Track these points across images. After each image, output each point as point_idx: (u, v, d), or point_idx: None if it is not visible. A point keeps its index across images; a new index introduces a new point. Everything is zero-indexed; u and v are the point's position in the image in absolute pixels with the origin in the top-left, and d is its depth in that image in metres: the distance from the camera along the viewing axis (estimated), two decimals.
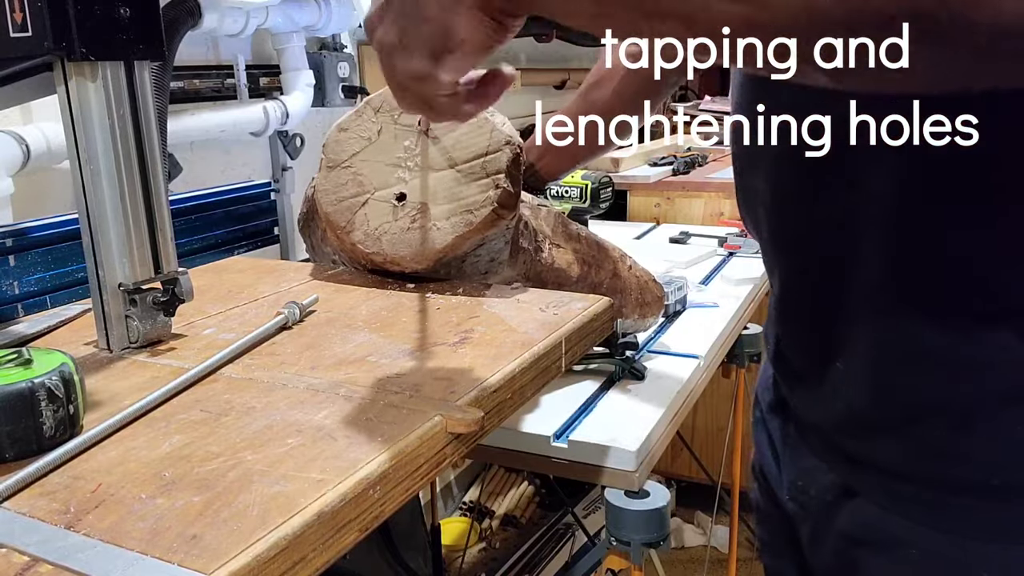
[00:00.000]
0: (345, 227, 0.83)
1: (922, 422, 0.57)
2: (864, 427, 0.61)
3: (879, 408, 0.60)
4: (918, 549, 0.58)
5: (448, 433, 0.54)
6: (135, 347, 0.68)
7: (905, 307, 0.57)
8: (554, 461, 0.89)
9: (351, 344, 0.68)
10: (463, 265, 0.84)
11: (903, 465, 0.58)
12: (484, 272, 0.85)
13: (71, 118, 0.64)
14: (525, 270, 0.88)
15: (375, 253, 0.82)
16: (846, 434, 0.63)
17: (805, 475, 0.68)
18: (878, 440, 0.60)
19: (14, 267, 0.85)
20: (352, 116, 0.85)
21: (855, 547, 0.62)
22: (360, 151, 0.84)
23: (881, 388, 0.59)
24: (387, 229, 0.81)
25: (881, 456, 0.60)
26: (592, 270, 0.95)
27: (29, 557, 0.40)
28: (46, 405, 0.50)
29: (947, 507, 0.57)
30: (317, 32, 1.48)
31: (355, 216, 0.82)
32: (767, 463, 0.75)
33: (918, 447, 0.58)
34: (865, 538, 0.61)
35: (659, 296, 1.08)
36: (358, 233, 0.83)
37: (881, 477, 0.60)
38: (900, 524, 0.58)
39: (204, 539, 0.40)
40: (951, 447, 0.56)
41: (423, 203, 0.80)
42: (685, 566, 2.28)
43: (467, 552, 1.96)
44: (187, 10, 1.15)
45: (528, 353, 0.65)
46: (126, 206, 0.66)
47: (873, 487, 0.60)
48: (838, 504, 0.63)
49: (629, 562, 0.90)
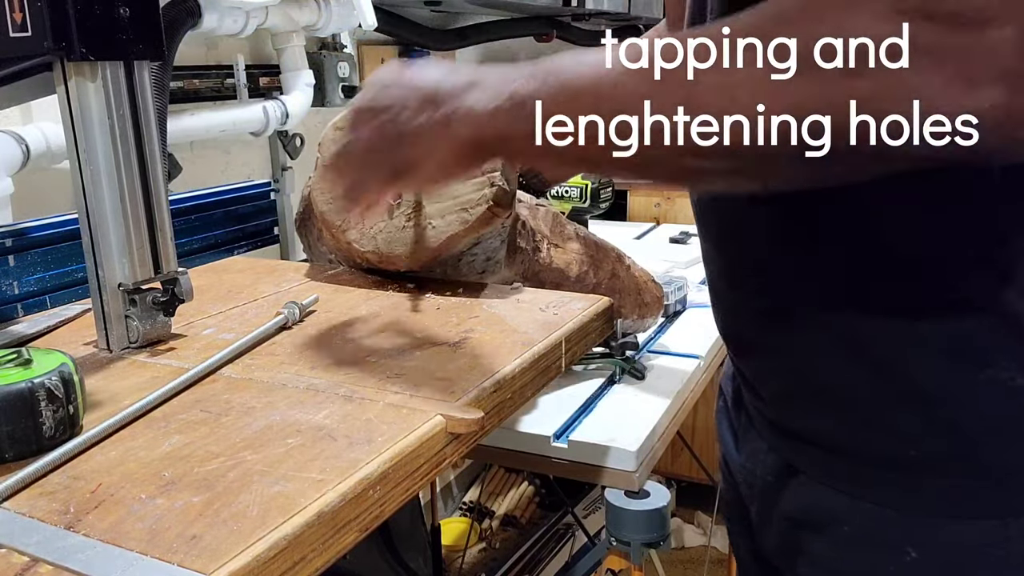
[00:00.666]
0: (340, 226, 0.83)
1: (852, 399, 0.58)
2: (801, 404, 0.62)
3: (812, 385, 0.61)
4: (852, 526, 0.59)
5: (448, 433, 0.54)
6: (135, 347, 0.68)
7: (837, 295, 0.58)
8: (554, 461, 0.89)
9: (351, 344, 0.68)
10: (459, 264, 0.84)
11: (837, 440, 0.59)
12: (481, 272, 0.85)
13: (71, 118, 0.64)
14: (523, 270, 0.88)
15: (370, 252, 0.82)
16: (785, 411, 0.64)
17: (752, 457, 0.69)
18: (813, 416, 0.61)
19: (14, 267, 0.85)
20: (347, 115, 0.85)
21: (798, 529, 0.63)
22: None
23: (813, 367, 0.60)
24: (382, 228, 0.81)
25: (817, 432, 0.61)
26: (591, 270, 0.95)
27: (29, 557, 0.40)
28: (46, 405, 0.50)
29: (875, 481, 0.58)
30: (317, 32, 1.48)
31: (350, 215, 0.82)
32: (729, 451, 0.76)
33: (849, 422, 0.59)
34: (806, 519, 0.62)
35: (658, 296, 1.08)
36: (353, 232, 0.83)
37: (818, 452, 0.61)
38: (836, 500, 0.59)
39: (204, 539, 0.40)
40: (877, 421, 0.57)
41: (418, 201, 0.80)
42: (685, 566, 2.28)
43: (467, 552, 1.96)
44: (187, 10, 1.15)
45: (528, 353, 0.65)
46: (126, 206, 0.66)
47: (811, 463, 0.61)
48: (781, 484, 0.64)
49: (629, 562, 0.90)
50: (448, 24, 2.03)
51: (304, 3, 1.40)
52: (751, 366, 0.67)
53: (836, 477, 0.60)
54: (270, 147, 1.54)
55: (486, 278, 0.85)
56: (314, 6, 1.42)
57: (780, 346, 0.63)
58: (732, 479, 0.75)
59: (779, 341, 0.63)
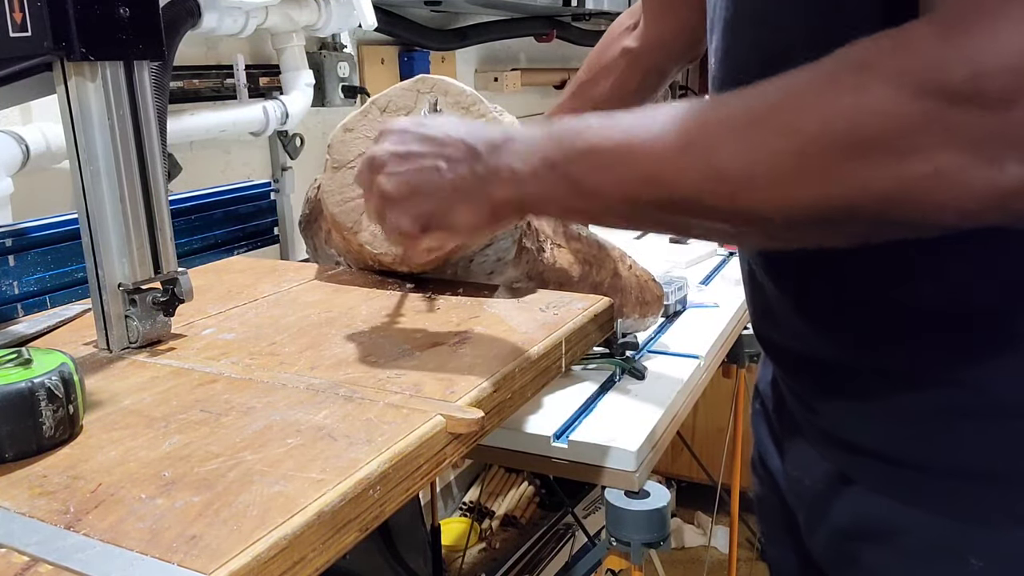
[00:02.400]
0: (352, 228, 0.82)
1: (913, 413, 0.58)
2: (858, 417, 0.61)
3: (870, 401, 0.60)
4: (911, 536, 0.58)
5: (448, 433, 0.54)
6: (135, 347, 0.68)
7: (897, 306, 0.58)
8: (554, 461, 0.89)
9: (351, 344, 0.68)
10: (470, 265, 0.83)
11: (896, 450, 0.59)
12: (490, 272, 0.85)
13: (71, 118, 0.64)
14: (528, 270, 0.88)
15: (383, 254, 0.82)
16: (840, 423, 0.63)
17: (799, 465, 0.68)
18: (870, 429, 0.60)
19: (14, 267, 0.85)
20: (358, 116, 0.85)
21: (851, 539, 0.62)
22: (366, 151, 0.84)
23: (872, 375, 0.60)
24: None
25: (875, 441, 0.60)
26: (593, 270, 0.95)
27: (29, 557, 0.40)
28: (46, 405, 0.50)
29: (937, 491, 0.57)
30: (317, 32, 1.48)
31: (362, 217, 0.82)
32: (768, 455, 0.75)
33: (910, 432, 0.58)
34: (861, 529, 0.61)
35: (658, 296, 1.08)
36: (365, 234, 0.82)
37: (876, 463, 0.60)
38: (893, 510, 0.59)
39: (204, 539, 0.40)
40: (939, 434, 0.57)
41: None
42: (685, 566, 2.28)
43: (467, 552, 1.96)
44: (187, 10, 1.15)
45: (528, 353, 0.65)
46: (126, 206, 0.66)
47: (868, 473, 0.60)
48: (833, 493, 0.63)
49: (629, 562, 0.90)
50: (448, 24, 2.03)
51: (304, 3, 1.40)
52: (802, 381, 0.66)
53: (895, 487, 0.59)
54: (270, 147, 1.54)
55: (494, 279, 0.85)
56: (314, 6, 1.42)
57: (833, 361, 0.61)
58: (772, 483, 0.74)
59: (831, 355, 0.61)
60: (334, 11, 1.43)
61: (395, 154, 0.60)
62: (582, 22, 2.47)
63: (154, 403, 0.57)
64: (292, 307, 0.79)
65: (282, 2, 1.34)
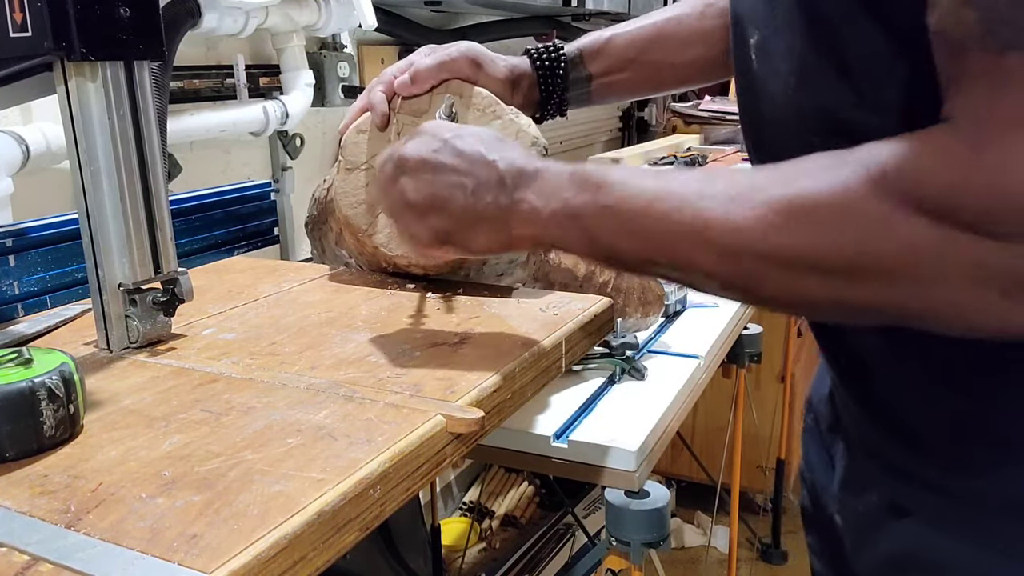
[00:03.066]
0: (367, 230, 0.82)
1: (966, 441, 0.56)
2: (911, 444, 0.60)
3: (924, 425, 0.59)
4: (963, 571, 0.56)
5: (448, 433, 0.54)
6: (135, 347, 0.68)
7: None
8: (554, 461, 0.89)
9: (351, 344, 0.68)
10: (483, 268, 0.83)
11: (949, 482, 0.57)
12: (500, 273, 0.85)
13: (71, 118, 0.64)
14: (534, 270, 0.88)
15: (399, 256, 0.81)
16: (901, 452, 0.61)
17: (851, 489, 0.66)
18: (925, 457, 0.59)
19: (14, 267, 0.85)
20: (369, 118, 0.85)
21: (901, 569, 0.60)
22: (379, 153, 0.84)
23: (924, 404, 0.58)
24: None
25: (928, 473, 0.58)
26: (597, 270, 0.95)
27: (29, 557, 0.40)
28: (46, 405, 0.50)
29: (992, 527, 0.55)
30: (317, 32, 1.48)
31: (376, 219, 0.82)
32: (816, 473, 0.74)
33: (962, 465, 0.56)
34: (912, 561, 0.59)
35: (660, 295, 1.09)
36: (380, 236, 0.82)
37: (928, 494, 0.58)
38: (948, 544, 0.57)
39: (204, 538, 0.40)
40: (992, 466, 0.55)
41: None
42: (685, 566, 2.28)
43: (467, 552, 1.96)
44: (187, 10, 1.15)
45: (528, 353, 0.65)
46: (126, 206, 0.66)
47: (924, 505, 0.59)
48: (884, 521, 0.62)
49: (629, 562, 0.90)
50: (448, 24, 2.03)
51: (304, 3, 1.40)
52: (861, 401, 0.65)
53: (951, 522, 0.57)
54: (270, 147, 1.54)
55: (504, 280, 0.85)
56: (314, 6, 1.42)
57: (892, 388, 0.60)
58: (820, 501, 0.73)
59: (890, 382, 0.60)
60: (334, 11, 1.43)
61: (426, 161, 0.60)
62: (582, 22, 2.47)
63: (154, 403, 0.57)
64: (292, 307, 0.79)
65: (282, 2, 1.34)
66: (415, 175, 0.60)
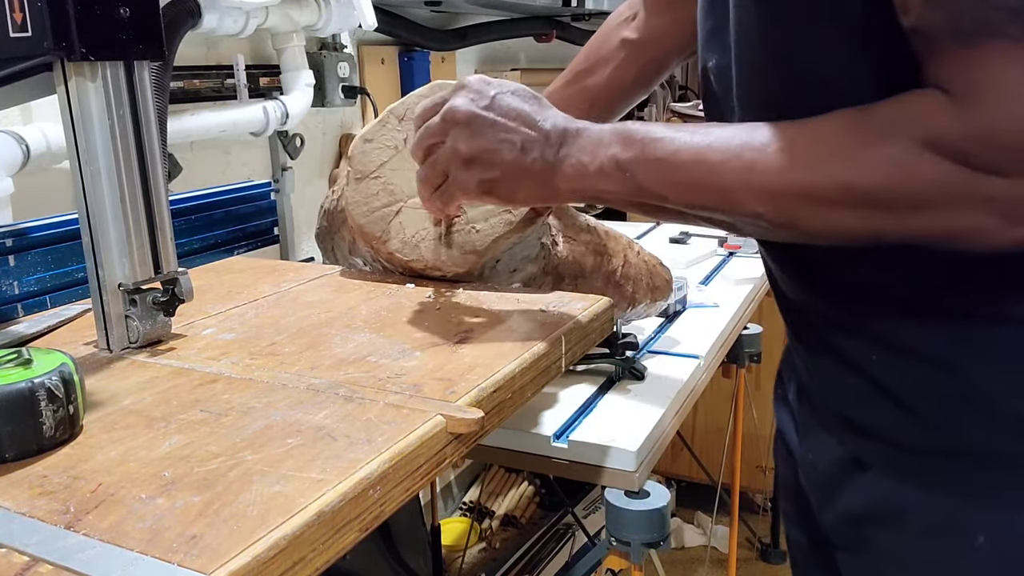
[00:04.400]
0: (381, 237, 0.83)
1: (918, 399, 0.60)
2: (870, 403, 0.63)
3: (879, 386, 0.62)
4: (920, 516, 0.60)
5: (448, 433, 0.54)
6: (135, 347, 0.68)
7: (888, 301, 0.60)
8: (554, 461, 0.89)
9: (351, 344, 0.68)
10: (496, 266, 0.83)
11: (909, 437, 0.60)
12: (513, 270, 0.85)
13: (71, 118, 0.64)
14: (544, 265, 0.88)
15: (415, 260, 0.82)
16: (855, 409, 0.64)
17: (815, 449, 0.70)
18: (883, 415, 0.62)
19: (14, 267, 0.85)
20: (376, 126, 0.85)
21: (862, 522, 0.64)
22: (388, 160, 0.84)
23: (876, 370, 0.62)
24: (424, 236, 0.81)
25: (888, 429, 0.62)
26: (604, 259, 0.95)
27: (29, 557, 0.40)
28: (46, 405, 0.50)
29: (948, 475, 0.59)
30: (317, 32, 1.48)
31: (390, 225, 0.82)
32: (790, 438, 0.77)
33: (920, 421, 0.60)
34: (872, 512, 0.63)
35: (667, 279, 1.09)
36: (395, 242, 0.82)
37: (889, 448, 0.62)
38: (906, 493, 0.61)
39: (204, 539, 0.40)
40: (946, 420, 0.59)
41: (458, 206, 0.79)
42: (685, 566, 2.28)
43: (467, 552, 1.96)
44: (187, 10, 1.15)
45: (528, 353, 0.65)
46: (126, 206, 0.66)
47: (881, 458, 0.63)
48: (846, 477, 0.65)
49: (629, 562, 0.90)
50: (448, 24, 2.03)
51: (304, 3, 1.40)
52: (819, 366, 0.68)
53: (908, 472, 0.61)
54: (270, 147, 1.54)
55: (516, 276, 0.85)
56: (314, 6, 1.42)
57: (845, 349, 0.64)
58: (792, 463, 0.77)
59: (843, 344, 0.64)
60: (334, 11, 1.43)
61: (476, 115, 0.63)
62: (582, 22, 2.47)
63: (154, 403, 0.57)
64: (292, 307, 0.79)
65: (282, 2, 1.34)
66: (465, 128, 0.63)
